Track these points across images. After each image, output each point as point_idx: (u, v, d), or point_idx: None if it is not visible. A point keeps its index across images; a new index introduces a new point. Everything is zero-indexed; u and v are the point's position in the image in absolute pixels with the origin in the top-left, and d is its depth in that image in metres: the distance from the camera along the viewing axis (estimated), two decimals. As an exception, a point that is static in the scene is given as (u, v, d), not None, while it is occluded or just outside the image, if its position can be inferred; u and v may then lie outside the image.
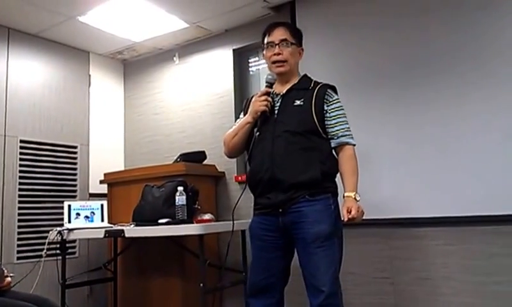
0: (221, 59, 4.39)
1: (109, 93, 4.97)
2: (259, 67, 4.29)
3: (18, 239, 3.96)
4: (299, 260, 2.34)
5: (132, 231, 3.40)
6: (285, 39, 2.48)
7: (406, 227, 3.25)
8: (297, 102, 2.42)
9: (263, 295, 2.41)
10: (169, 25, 4.11)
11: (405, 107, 3.29)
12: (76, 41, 4.48)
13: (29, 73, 4.24)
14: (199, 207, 3.51)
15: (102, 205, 3.91)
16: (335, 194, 2.40)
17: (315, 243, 2.26)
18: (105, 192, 4.37)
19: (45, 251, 3.65)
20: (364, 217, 3.23)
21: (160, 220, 3.32)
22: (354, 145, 2.44)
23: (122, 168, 4.87)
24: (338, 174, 2.43)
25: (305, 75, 2.60)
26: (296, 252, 2.42)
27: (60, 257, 3.68)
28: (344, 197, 2.33)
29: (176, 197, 3.32)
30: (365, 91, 3.47)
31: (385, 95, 3.38)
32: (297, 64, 2.59)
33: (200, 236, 3.16)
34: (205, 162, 4.12)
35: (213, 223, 3.49)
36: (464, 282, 3.01)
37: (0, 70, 4.02)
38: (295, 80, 2.53)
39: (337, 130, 2.41)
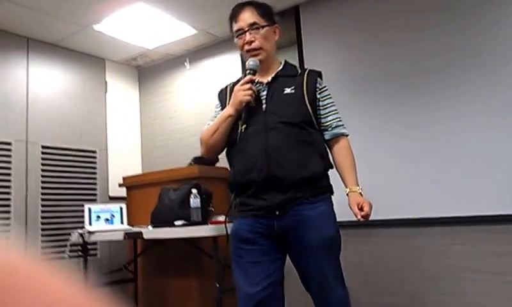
0: (230, 63, 4.48)
1: (124, 99, 5.11)
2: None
3: (42, 241, 4.12)
4: (301, 269, 2.11)
5: (149, 232, 3.52)
6: (254, 23, 2.16)
7: (416, 227, 3.26)
8: (288, 90, 2.16)
9: None
10: (180, 32, 4.22)
11: (413, 106, 3.32)
12: (92, 49, 4.62)
13: (48, 81, 4.38)
14: (213, 209, 3.60)
15: (121, 208, 4.02)
16: (332, 194, 2.19)
17: (322, 249, 2.04)
18: (125, 195, 4.50)
19: (67, 253, 3.76)
20: (375, 217, 3.34)
21: (176, 222, 3.42)
22: (347, 136, 2.25)
23: (140, 171, 4.99)
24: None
25: (287, 62, 2.32)
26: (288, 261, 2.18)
27: (82, 259, 3.77)
28: (347, 193, 2.13)
29: (191, 200, 3.41)
30: (370, 92, 3.52)
31: (390, 95, 3.42)
32: (274, 46, 2.27)
33: (214, 237, 3.25)
34: (218, 164, 4.20)
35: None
36: (474, 281, 3.02)
37: (20, 78, 4.17)
38: (277, 66, 2.25)
39: (331, 121, 2.20)
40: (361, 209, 2.03)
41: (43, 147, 4.23)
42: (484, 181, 2.99)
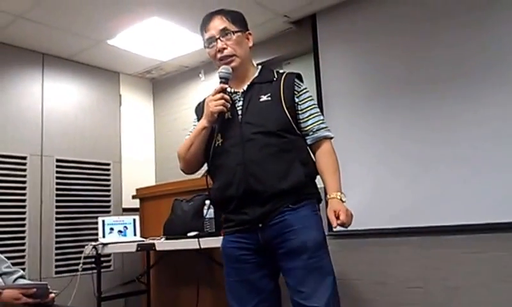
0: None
1: (139, 111, 5.16)
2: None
3: (56, 254, 4.15)
4: (287, 280, 1.98)
5: (162, 244, 3.53)
6: (224, 29, 2.07)
7: (437, 235, 3.21)
8: (264, 98, 2.04)
9: None
10: (194, 43, 4.25)
11: (429, 113, 3.28)
12: (106, 63, 4.68)
13: (63, 95, 4.45)
14: (226, 219, 3.60)
15: (134, 220, 4.04)
16: (320, 201, 2.09)
17: (304, 254, 1.91)
18: (138, 206, 4.53)
19: (81, 265, 3.77)
20: (395, 226, 3.35)
21: (189, 234, 3.43)
22: (331, 138, 2.11)
23: (153, 183, 5.02)
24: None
25: (264, 67, 2.21)
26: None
27: (95, 271, 3.79)
28: (326, 200, 1.99)
29: (204, 211, 3.42)
30: (386, 99, 3.50)
31: (407, 102, 3.39)
32: (249, 53, 2.16)
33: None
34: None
35: (240, 235, 3.55)
36: (496, 290, 2.95)
37: (36, 93, 4.24)
38: (254, 73, 2.14)
39: (312, 124, 2.07)
40: (337, 217, 1.88)
41: (57, 160, 4.29)
42: (504, 188, 2.94)
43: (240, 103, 2.07)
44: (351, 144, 3.60)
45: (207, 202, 3.43)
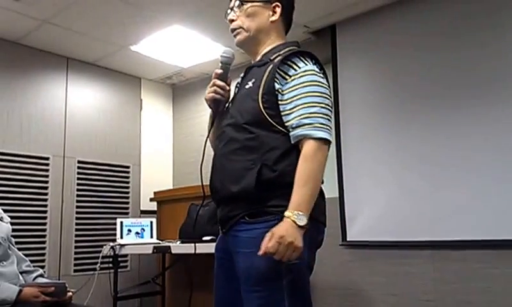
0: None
1: (159, 116, 5.25)
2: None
3: (75, 253, 4.26)
4: None
5: (177, 247, 3.60)
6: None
7: (449, 249, 3.20)
8: (249, 84, 1.75)
9: None
10: (214, 51, 4.32)
11: (446, 127, 3.27)
12: (128, 68, 4.79)
13: (85, 99, 4.56)
14: (241, 225, 3.63)
15: (151, 222, 4.12)
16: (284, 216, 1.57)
17: (246, 285, 1.62)
18: (155, 209, 4.61)
19: (99, 264, 3.86)
20: (408, 239, 3.34)
21: (204, 238, 3.49)
22: (319, 139, 1.61)
23: (171, 187, 5.10)
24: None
25: (279, 45, 1.83)
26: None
27: (113, 270, 3.86)
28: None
29: (219, 216, 3.47)
30: (402, 114, 3.50)
31: (422, 118, 3.38)
32: (268, 27, 1.84)
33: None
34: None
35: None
36: (508, 306, 2.94)
37: (60, 96, 4.35)
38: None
39: (293, 119, 1.64)
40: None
41: (79, 162, 4.40)
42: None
43: (237, 89, 1.87)
44: (366, 156, 3.63)
45: (223, 207, 3.47)
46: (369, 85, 3.74)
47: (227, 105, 1.87)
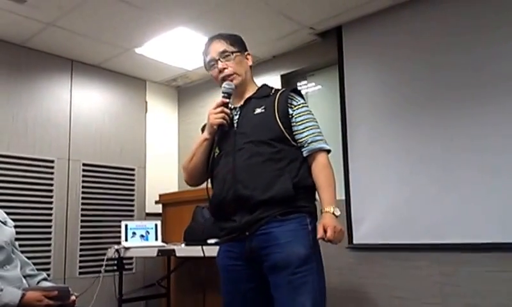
0: (270, 84, 4.47)
1: (164, 118, 5.25)
2: (307, 91, 4.39)
3: (80, 255, 4.26)
4: (272, 294, 1.96)
5: (182, 250, 3.58)
6: (224, 51, 2.18)
7: (456, 252, 3.18)
8: (258, 110, 2.11)
9: None
10: (219, 53, 4.32)
11: (454, 129, 3.25)
12: (133, 70, 4.79)
13: (90, 101, 4.56)
14: (246, 228, 3.62)
15: (156, 225, 4.11)
16: (313, 215, 2.05)
17: (288, 269, 1.90)
18: (160, 211, 4.60)
19: (103, 267, 3.86)
20: (414, 242, 3.32)
21: (209, 241, 3.47)
22: (328, 151, 2.11)
23: (176, 189, 5.09)
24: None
25: (265, 85, 2.28)
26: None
27: (117, 273, 3.85)
28: (321, 212, 2.00)
29: (224, 219, 3.45)
30: (409, 116, 3.48)
31: (430, 120, 3.36)
32: (249, 72, 2.26)
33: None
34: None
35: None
36: None
37: (64, 98, 4.36)
38: (253, 91, 2.23)
39: (307, 136, 2.08)
40: (325, 232, 1.90)
41: (84, 164, 4.40)
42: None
43: (237, 116, 2.16)
44: (372, 158, 3.61)
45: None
46: (375, 87, 3.72)
47: (225, 128, 2.13)
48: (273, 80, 4.48)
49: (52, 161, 4.18)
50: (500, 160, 3.03)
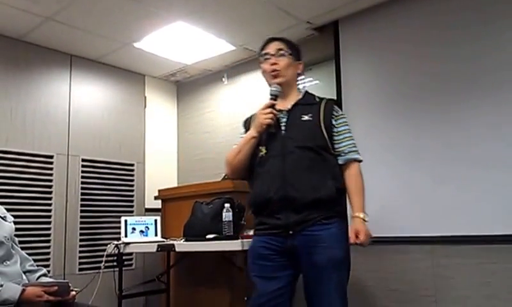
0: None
1: (163, 113, 5.24)
2: (305, 85, 4.37)
3: (80, 251, 4.26)
4: (307, 287, 2.25)
5: (181, 245, 3.58)
6: (280, 49, 2.41)
7: (449, 244, 3.21)
8: (305, 117, 2.33)
9: None
10: (218, 48, 4.31)
11: (448, 123, 3.27)
12: (132, 65, 4.77)
13: (89, 96, 4.55)
14: (245, 223, 3.62)
15: (155, 220, 4.09)
16: (346, 217, 2.35)
17: (327, 269, 2.17)
18: (160, 207, 4.59)
19: (103, 263, 3.85)
20: (406, 234, 3.34)
21: (208, 236, 3.46)
22: (360, 161, 2.37)
23: (175, 185, 5.08)
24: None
25: (307, 92, 2.51)
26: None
27: (117, 269, 3.84)
28: (352, 217, 2.27)
29: (224, 214, 3.44)
30: (406, 107, 3.48)
31: (427, 111, 3.37)
32: (295, 77, 2.48)
33: (245, 251, 3.28)
34: (252, 179, 4.21)
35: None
36: (507, 301, 2.95)
37: (63, 93, 4.35)
38: (296, 96, 2.44)
39: (344, 146, 2.33)
40: (357, 237, 2.18)
41: (83, 160, 4.39)
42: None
43: (284, 120, 2.35)
44: (366, 151, 3.53)
45: (226, 205, 3.47)
46: (372, 81, 3.73)
47: (271, 130, 2.34)
48: (271, 74, 4.47)
49: (51, 157, 4.16)
50: (493, 153, 3.05)
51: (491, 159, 3.05)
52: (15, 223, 2.68)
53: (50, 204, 4.11)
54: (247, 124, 2.54)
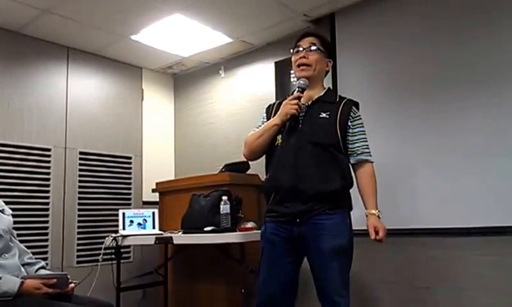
0: (264, 71, 4.52)
1: (160, 106, 5.24)
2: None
3: (78, 244, 4.27)
4: (314, 271, 2.37)
5: (179, 238, 3.59)
6: (313, 44, 2.49)
7: (445, 236, 3.23)
8: (323, 115, 2.42)
9: (274, 304, 2.41)
10: (215, 40, 4.31)
11: (441, 114, 3.29)
12: (129, 58, 4.76)
13: (86, 89, 4.54)
14: (242, 215, 3.64)
15: (153, 213, 4.10)
16: (351, 209, 2.44)
17: (332, 255, 2.28)
18: (157, 200, 4.60)
19: (101, 255, 3.86)
20: (403, 227, 3.37)
21: (206, 228, 3.47)
22: (372, 162, 2.46)
23: (173, 177, 5.08)
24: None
25: (330, 89, 2.61)
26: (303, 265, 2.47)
27: (115, 261, 3.85)
28: (366, 214, 2.37)
29: (221, 206, 3.47)
30: (402, 99, 3.50)
31: (423, 103, 3.39)
32: (323, 74, 2.57)
33: (242, 243, 3.30)
34: (249, 171, 4.23)
35: (254, 231, 3.51)
36: (501, 292, 2.98)
37: (60, 86, 4.34)
38: (319, 91, 2.52)
39: (358, 147, 2.43)
40: (377, 233, 2.30)
41: (80, 153, 4.39)
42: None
43: (303, 114, 2.44)
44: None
45: (224, 197, 3.48)
46: (367, 74, 3.75)
47: (290, 122, 2.43)
48: (267, 67, 4.49)
49: (48, 149, 4.16)
50: (489, 144, 3.07)
51: (488, 150, 3.07)
52: (13, 216, 2.68)
53: (48, 197, 4.11)
54: (270, 110, 2.62)
